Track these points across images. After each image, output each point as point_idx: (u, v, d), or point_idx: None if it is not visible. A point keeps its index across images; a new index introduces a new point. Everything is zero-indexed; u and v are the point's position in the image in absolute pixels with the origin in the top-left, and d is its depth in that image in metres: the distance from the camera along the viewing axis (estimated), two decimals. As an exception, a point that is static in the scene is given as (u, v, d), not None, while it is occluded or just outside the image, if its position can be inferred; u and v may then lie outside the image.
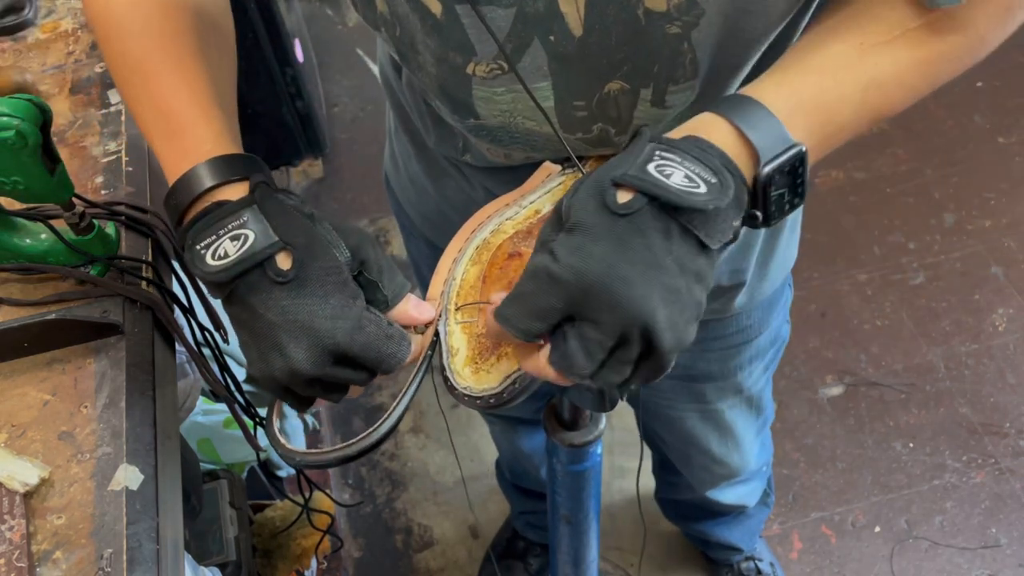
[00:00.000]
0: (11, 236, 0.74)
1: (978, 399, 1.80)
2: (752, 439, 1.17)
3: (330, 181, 2.37)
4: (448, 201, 0.84)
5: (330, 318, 0.54)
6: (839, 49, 0.54)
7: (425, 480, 1.79)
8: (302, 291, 0.54)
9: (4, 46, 1.01)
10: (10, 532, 0.60)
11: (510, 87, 0.59)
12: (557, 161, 0.68)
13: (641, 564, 1.65)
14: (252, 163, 0.60)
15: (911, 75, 0.55)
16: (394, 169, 0.93)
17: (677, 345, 0.50)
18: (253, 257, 0.54)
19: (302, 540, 1.19)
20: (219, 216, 0.56)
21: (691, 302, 0.50)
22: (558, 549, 1.10)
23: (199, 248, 0.55)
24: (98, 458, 0.64)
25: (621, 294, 0.47)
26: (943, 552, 1.61)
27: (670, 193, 0.47)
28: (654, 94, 0.59)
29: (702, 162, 0.49)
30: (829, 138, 0.54)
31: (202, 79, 0.63)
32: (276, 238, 0.54)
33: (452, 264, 0.64)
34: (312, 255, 0.55)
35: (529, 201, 0.66)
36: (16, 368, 0.70)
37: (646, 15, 0.53)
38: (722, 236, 0.50)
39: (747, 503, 1.36)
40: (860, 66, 0.53)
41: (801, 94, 0.53)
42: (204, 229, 0.56)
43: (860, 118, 0.55)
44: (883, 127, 2.31)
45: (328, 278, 0.55)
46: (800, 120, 0.52)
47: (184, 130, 0.61)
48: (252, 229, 0.55)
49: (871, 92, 0.54)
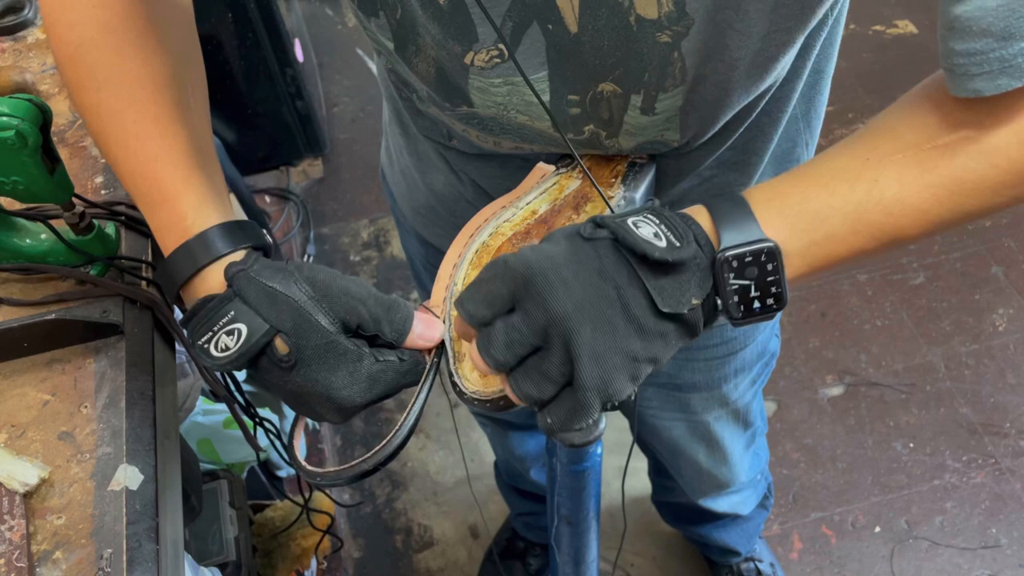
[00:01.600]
0: (11, 236, 0.74)
1: (978, 399, 1.80)
2: (741, 452, 1.16)
3: (330, 181, 2.38)
4: (436, 195, 0.83)
5: (344, 388, 0.57)
6: (843, 162, 0.53)
7: (425, 480, 1.79)
8: (308, 370, 0.56)
9: (4, 46, 1.01)
10: (10, 532, 0.60)
11: (508, 78, 0.59)
12: (548, 160, 0.68)
13: (617, 561, 1.65)
14: (236, 233, 0.60)
15: (920, 198, 0.51)
16: (388, 162, 0.93)
17: (599, 384, 0.49)
18: (251, 350, 0.55)
19: (302, 540, 1.19)
20: (208, 314, 0.57)
21: (625, 352, 0.49)
22: (558, 549, 1.10)
23: (201, 343, 0.57)
24: (98, 458, 0.64)
25: (555, 291, 0.48)
26: (943, 552, 1.61)
27: (628, 234, 0.49)
28: (644, 101, 0.59)
29: (677, 230, 0.50)
30: (817, 246, 0.52)
31: (181, 141, 0.62)
32: (267, 326, 0.55)
33: (453, 270, 0.64)
34: (305, 337, 0.56)
35: (525, 202, 0.66)
36: (16, 368, 0.70)
37: (638, 22, 0.53)
38: (672, 301, 0.49)
39: (741, 511, 1.35)
40: (858, 179, 0.52)
41: (786, 198, 0.52)
42: (199, 327, 0.57)
43: (857, 232, 0.52)
44: (883, 127, 2.31)
45: (327, 354, 0.56)
46: (779, 221, 0.52)
47: (165, 202, 0.60)
48: (242, 322, 0.56)
49: (870, 207, 0.52)
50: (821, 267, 0.54)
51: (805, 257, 0.52)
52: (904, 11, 2.65)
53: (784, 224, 0.52)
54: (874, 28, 2.61)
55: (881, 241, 0.53)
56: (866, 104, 2.37)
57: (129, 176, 0.62)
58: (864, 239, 0.52)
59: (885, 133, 0.53)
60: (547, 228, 0.63)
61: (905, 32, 2.59)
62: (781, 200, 0.53)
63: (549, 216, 0.64)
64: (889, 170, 0.51)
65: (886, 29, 2.61)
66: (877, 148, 0.52)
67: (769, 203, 0.52)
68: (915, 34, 2.58)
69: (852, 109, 2.37)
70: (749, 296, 0.51)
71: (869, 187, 0.51)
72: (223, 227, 0.60)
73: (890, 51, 2.54)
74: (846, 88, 2.42)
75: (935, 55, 2.41)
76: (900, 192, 0.51)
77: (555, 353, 0.49)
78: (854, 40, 2.56)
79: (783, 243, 0.51)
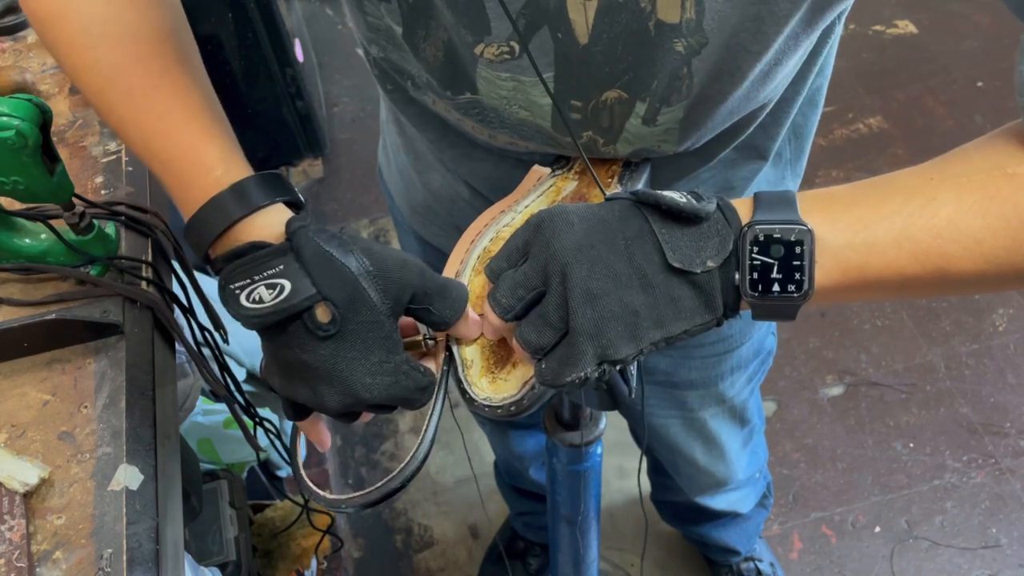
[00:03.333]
0: (11, 236, 0.74)
1: (978, 399, 1.80)
2: (739, 449, 1.17)
3: (330, 181, 2.38)
4: (434, 194, 0.83)
5: (370, 374, 0.54)
6: (905, 178, 0.50)
7: (425, 480, 1.79)
8: (343, 344, 0.53)
9: (4, 46, 1.01)
10: (10, 532, 0.60)
11: (515, 75, 0.59)
12: (543, 161, 0.69)
13: (643, 564, 1.65)
14: (273, 184, 0.57)
15: (974, 225, 0.47)
16: (385, 161, 0.92)
17: (592, 330, 0.48)
18: (290, 309, 0.52)
19: (302, 540, 1.19)
20: (254, 261, 0.53)
21: (624, 302, 0.48)
22: (558, 549, 1.10)
23: (233, 288, 0.53)
24: (98, 458, 0.64)
25: (559, 232, 0.49)
26: (943, 552, 1.61)
27: (648, 192, 0.49)
28: (647, 111, 0.59)
29: (703, 197, 0.50)
30: (853, 250, 0.49)
31: (195, 93, 0.58)
32: (314, 291, 0.52)
33: (456, 276, 0.64)
34: (354, 310, 0.53)
35: (524, 206, 0.66)
36: (16, 368, 0.70)
37: (657, 27, 0.52)
38: (684, 258, 0.49)
39: (740, 509, 1.35)
40: (915, 194, 0.48)
41: (835, 199, 0.50)
42: (238, 271, 0.53)
43: (900, 248, 0.48)
44: (883, 126, 2.31)
45: (369, 334, 0.54)
46: (819, 215, 0.49)
47: (186, 156, 0.57)
48: (289, 279, 0.52)
49: (920, 224, 0.48)
50: (855, 279, 0.49)
51: (839, 259, 0.49)
52: (904, 11, 2.65)
53: (824, 219, 0.49)
54: (874, 28, 2.61)
55: (925, 266, 0.48)
56: (866, 104, 2.37)
57: (139, 134, 0.58)
58: (906, 258, 0.48)
59: (957, 156, 0.51)
60: None
61: (905, 32, 2.59)
62: (829, 198, 0.51)
63: None
64: (949, 190, 0.48)
65: (886, 29, 2.60)
66: (944, 170, 0.49)
67: (816, 199, 0.50)
68: (915, 34, 2.58)
69: (852, 109, 2.37)
70: (770, 277, 0.49)
71: (924, 203, 0.48)
72: (258, 178, 0.56)
73: (890, 51, 2.53)
74: (846, 88, 2.42)
75: (935, 55, 2.41)
76: (955, 215, 0.47)
77: (553, 294, 0.49)
78: (854, 40, 2.56)
79: (824, 235, 0.48)
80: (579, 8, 0.52)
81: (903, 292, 0.50)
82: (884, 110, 2.34)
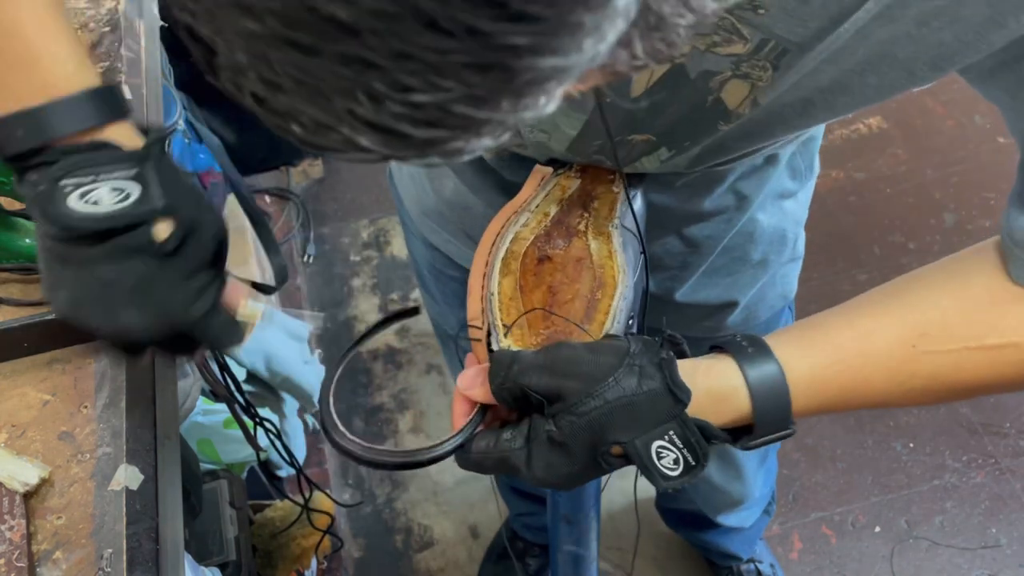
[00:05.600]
0: (11, 236, 0.74)
1: (978, 399, 1.80)
2: (755, 468, 1.16)
3: (330, 181, 2.37)
4: (445, 201, 0.84)
5: (194, 294, 0.52)
6: (890, 343, 0.53)
7: (425, 480, 1.79)
8: (171, 263, 0.51)
9: (4, 46, 1.01)
10: (10, 532, 0.60)
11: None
12: (541, 163, 0.70)
13: (634, 562, 1.65)
14: (126, 102, 0.53)
15: (939, 396, 0.55)
16: (396, 164, 0.93)
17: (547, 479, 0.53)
18: (132, 216, 0.49)
19: (302, 540, 1.19)
20: (105, 160, 0.48)
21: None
22: (558, 549, 1.10)
23: (65, 184, 0.47)
24: (98, 458, 0.64)
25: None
26: (943, 552, 1.61)
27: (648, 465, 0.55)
28: (670, 155, 0.60)
29: (696, 451, 0.55)
30: (824, 400, 0.55)
31: (49, 3, 0.53)
32: (163, 203, 0.49)
33: (484, 280, 0.64)
34: (196, 231, 0.51)
35: (535, 205, 0.67)
36: (16, 368, 0.70)
37: (715, 104, 0.53)
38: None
39: (746, 525, 1.36)
40: (898, 371, 0.53)
41: (827, 381, 0.54)
42: (80, 166, 0.48)
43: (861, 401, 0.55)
44: (882, 126, 2.31)
45: (201, 256, 0.52)
46: (806, 402, 0.54)
47: (40, 58, 0.50)
48: (140, 184, 0.49)
49: (898, 399, 0.55)
50: (827, 410, 0.56)
51: (809, 407, 0.54)
52: (904, 11, 2.65)
53: (813, 405, 0.54)
54: (874, 28, 2.61)
55: (861, 403, 0.55)
56: (866, 104, 2.38)
57: None
58: (859, 405, 0.55)
59: (934, 311, 0.53)
60: (564, 228, 0.65)
61: (905, 32, 2.59)
62: (822, 383, 0.53)
63: (562, 216, 0.66)
64: (927, 367, 0.52)
65: (886, 29, 2.61)
66: (927, 332, 0.52)
67: (810, 384, 0.53)
68: (915, 34, 2.58)
69: (852, 109, 2.37)
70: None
71: (905, 380, 0.53)
72: (119, 91, 0.53)
73: (890, 51, 2.54)
74: (846, 88, 2.42)
75: (935, 55, 2.34)
76: (927, 385, 0.53)
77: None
78: (854, 40, 2.57)
79: (798, 412, 0.53)
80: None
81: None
82: (883, 110, 2.34)
